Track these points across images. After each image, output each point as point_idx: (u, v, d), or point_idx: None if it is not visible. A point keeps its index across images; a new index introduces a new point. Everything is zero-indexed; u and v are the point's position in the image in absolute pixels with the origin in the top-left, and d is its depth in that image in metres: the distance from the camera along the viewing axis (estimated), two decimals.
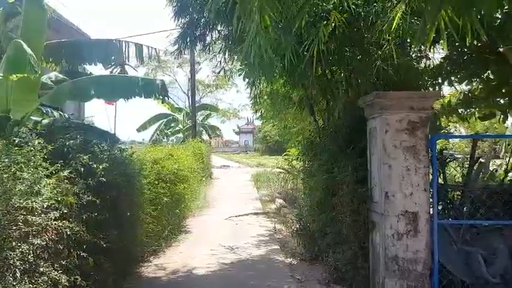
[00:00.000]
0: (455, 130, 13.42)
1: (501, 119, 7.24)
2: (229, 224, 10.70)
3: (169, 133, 27.19)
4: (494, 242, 5.16)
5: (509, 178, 6.10)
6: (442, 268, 4.94)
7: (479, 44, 5.91)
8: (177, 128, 27.27)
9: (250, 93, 7.79)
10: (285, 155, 16.03)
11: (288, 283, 6.09)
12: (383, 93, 4.76)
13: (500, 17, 5.15)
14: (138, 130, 24.96)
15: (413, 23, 3.61)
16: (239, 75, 7.64)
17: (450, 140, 15.31)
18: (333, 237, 5.92)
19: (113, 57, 6.91)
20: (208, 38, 7.16)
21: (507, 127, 11.17)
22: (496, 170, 7.31)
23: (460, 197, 5.97)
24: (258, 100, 8.53)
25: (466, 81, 6.85)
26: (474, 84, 7.02)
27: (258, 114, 10.93)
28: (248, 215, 12.04)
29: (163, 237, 7.96)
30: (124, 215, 5.55)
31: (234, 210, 12.14)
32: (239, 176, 23.19)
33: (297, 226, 7.83)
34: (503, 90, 6.50)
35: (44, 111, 5.87)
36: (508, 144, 10.72)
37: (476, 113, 7.50)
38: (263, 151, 48.24)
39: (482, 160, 6.76)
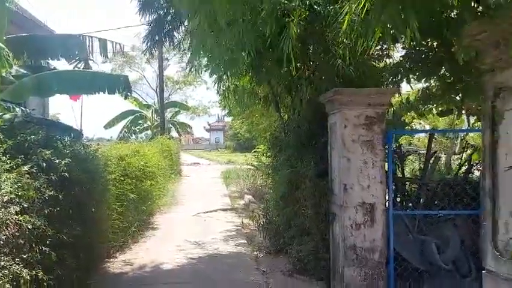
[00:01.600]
0: (421, 126, 13.94)
1: (456, 115, 7.63)
2: (198, 220, 10.74)
3: (137, 130, 26.83)
4: (447, 231, 5.46)
5: (462, 172, 6.44)
6: (398, 256, 5.19)
7: (435, 43, 6.22)
8: (145, 125, 26.95)
9: (218, 89, 7.89)
10: (254, 152, 16.16)
11: (253, 275, 6.23)
12: (342, 90, 4.95)
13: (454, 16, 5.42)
14: (105, 127, 24.52)
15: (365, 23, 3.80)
16: (205, 71, 7.72)
17: (416, 136, 15.88)
18: (296, 229, 6.10)
19: (76, 52, 6.83)
20: (176, 35, 7.21)
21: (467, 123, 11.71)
22: (450, 165, 7.71)
23: (417, 189, 6.29)
24: (225, 96, 8.64)
25: (424, 78, 7.15)
26: (431, 81, 7.34)
27: (226, 110, 11.01)
28: (217, 211, 12.11)
29: (129, 233, 7.93)
30: (88, 211, 5.52)
31: (203, 207, 12.19)
32: (209, 173, 23.19)
33: (263, 220, 7.98)
34: (457, 87, 6.84)
35: (6, 107, 5.75)
36: (462, 140, 11.23)
37: (434, 109, 7.86)
38: (234, 148, 48.29)
39: (438, 155, 7.12)
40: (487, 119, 2.28)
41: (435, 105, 7.64)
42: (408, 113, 8.04)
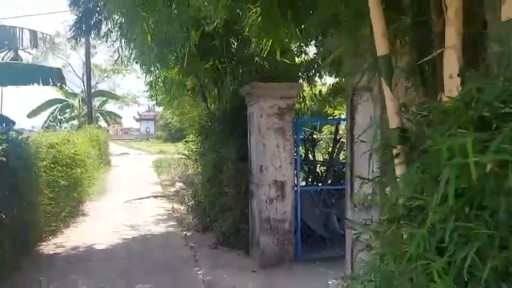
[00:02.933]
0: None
1: None
2: (129, 207, 11.07)
3: (63, 119, 25.98)
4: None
5: None
6: (305, 225, 6.13)
7: None
8: (72, 114, 26.16)
9: (145, 79, 8.31)
10: (185, 141, 16.59)
11: (182, 251, 6.87)
12: (258, 84, 5.73)
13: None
14: (29, 116, 23.43)
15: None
16: (136, 63, 8.10)
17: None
18: (220, 207, 6.84)
19: (6, 43, 6.92)
20: (104, 26, 7.49)
21: None
22: None
23: (325, 170, 7.33)
24: (153, 86, 9.09)
25: (334, 74, 8.14)
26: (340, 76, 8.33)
27: (155, 100, 11.38)
28: (148, 198, 12.48)
29: (61, 218, 8.18)
30: (22, 195, 5.81)
31: (134, 195, 12.48)
32: (140, 163, 23.16)
33: (192, 202, 8.62)
34: None
35: None
36: None
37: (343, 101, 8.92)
38: (165, 138, 47.83)
39: (344, 140, 8.20)
40: (348, 110, 3.13)
41: (343, 98, 8.70)
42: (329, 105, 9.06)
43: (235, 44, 6.89)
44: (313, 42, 7.27)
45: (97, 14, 7.01)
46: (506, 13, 1.34)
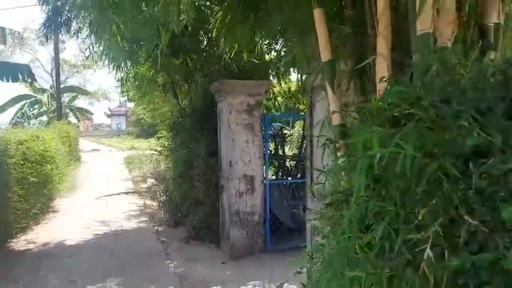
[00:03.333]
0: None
1: None
2: (100, 203, 11.06)
3: (32, 116, 25.37)
4: None
5: None
6: (275, 218, 6.39)
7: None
8: (41, 110, 25.58)
9: (115, 75, 8.36)
10: (157, 137, 16.58)
11: (154, 245, 7.01)
12: (227, 81, 5.92)
13: None
14: None
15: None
16: (105, 59, 8.14)
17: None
18: (191, 202, 7.01)
19: None
20: (74, 23, 7.50)
21: None
22: None
23: (295, 164, 7.61)
24: (124, 82, 9.14)
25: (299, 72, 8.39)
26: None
27: (126, 96, 11.39)
28: (119, 194, 12.48)
29: (31, 215, 8.15)
30: None
31: (105, 191, 12.46)
32: (111, 160, 22.94)
33: (163, 198, 8.75)
34: None
35: None
36: None
37: None
38: (137, 134, 47.24)
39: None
40: (308, 107, 3.38)
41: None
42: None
43: (205, 41, 7.05)
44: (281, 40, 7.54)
45: (66, 11, 7.01)
46: (419, 28, 1.59)
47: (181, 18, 2.82)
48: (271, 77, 7.65)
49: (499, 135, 0.98)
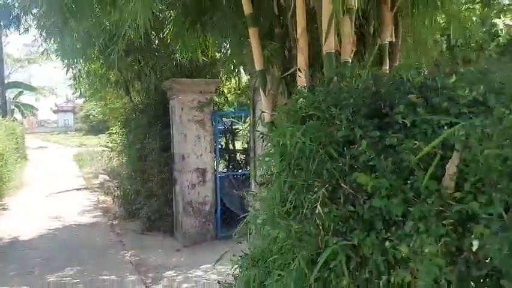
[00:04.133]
0: None
1: None
2: (51, 200, 11.01)
3: None
4: None
5: None
6: (226, 207, 6.84)
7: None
8: None
9: (67, 72, 8.42)
10: (108, 133, 16.48)
11: (109, 237, 7.26)
12: (178, 80, 6.28)
13: None
14: None
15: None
16: (56, 56, 8.20)
17: None
18: (145, 195, 7.30)
19: None
20: (23, 19, 7.52)
21: None
22: None
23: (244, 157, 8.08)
24: (76, 79, 9.20)
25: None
26: None
27: (78, 93, 11.36)
28: (70, 191, 12.44)
29: None
30: None
31: (56, 188, 12.37)
32: (59, 157, 22.41)
33: (118, 192, 8.95)
34: None
35: None
36: None
37: None
38: (86, 131, 45.93)
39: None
40: (251, 106, 3.86)
41: None
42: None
43: (157, 41, 7.33)
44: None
45: (16, 8, 7.05)
46: (325, 48, 2.09)
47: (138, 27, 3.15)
48: (222, 75, 8.06)
49: (360, 129, 1.48)
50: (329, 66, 2.06)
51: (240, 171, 7.79)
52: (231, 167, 7.97)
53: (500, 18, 6.30)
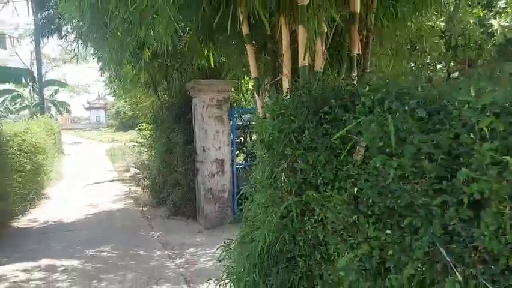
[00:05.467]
0: None
1: None
2: (87, 190, 12.05)
3: (14, 110, 25.86)
4: None
5: None
6: (242, 194, 7.55)
7: None
8: (24, 105, 26.07)
9: (101, 74, 9.34)
10: (138, 129, 17.49)
11: (139, 221, 8.13)
12: (199, 81, 7.04)
13: None
14: None
15: None
16: (93, 59, 9.14)
17: None
18: (171, 184, 8.13)
19: None
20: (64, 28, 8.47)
21: None
22: None
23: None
24: (110, 80, 10.14)
25: None
26: None
27: (111, 92, 12.34)
28: (104, 182, 13.48)
29: (28, 200, 9.14)
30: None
31: (91, 180, 13.42)
32: (93, 152, 23.74)
33: (147, 182, 9.85)
34: None
35: None
36: None
37: None
38: (117, 127, 47.59)
39: None
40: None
41: None
42: None
43: (181, 46, 8.10)
44: None
45: (58, 19, 7.98)
46: (301, 62, 2.77)
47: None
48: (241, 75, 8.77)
49: (308, 123, 2.16)
50: (303, 76, 2.74)
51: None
52: (248, 159, 8.70)
53: (496, 19, 6.75)
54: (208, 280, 3.37)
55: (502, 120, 1.30)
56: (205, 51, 4.35)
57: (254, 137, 9.31)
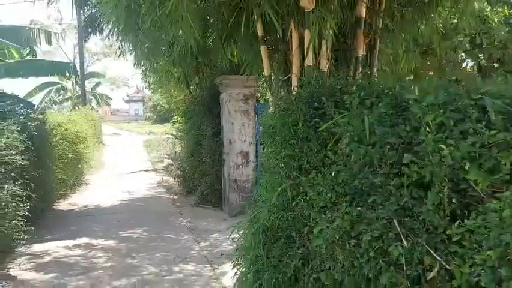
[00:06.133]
0: None
1: None
2: (124, 178, 12.79)
3: (58, 101, 27.29)
4: None
5: None
6: None
7: None
8: (66, 96, 27.46)
9: (137, 66, 9.90)
10: (172, 122, 18.17)
11: (170, 208, 8.66)
12: (227, 76, 7.43)
13: None
14: (25, 98, 24.42)
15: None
16: (130, 55, 9.70)
17: None
18: (200, 174, 8.60)
19: (24, 40, 8.49)
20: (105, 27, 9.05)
21: None
22: None
23: None
24: (146, 73, 10.73)
25: None
26: None
27: (147, 84, 12.98)
28: (140, 171, 14.20)
29: (69, 185, 9.89)
30: (44, 163, 7.49)
31: (127, 169, 14.19)
32: (130, 143, 24.76)
33: (178, 172, 10.39)
34: None
35: None
36: None
37: None
38: (154, 120, 48.98)
39: None
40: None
41: None
42: None
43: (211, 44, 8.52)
44: None
45: (98, 19, 8.58)
46: (306, 63, 3.08)
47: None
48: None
49: (302, 116, 2.48)
50: (307, 75, 3.05)
51: None
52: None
53: None
54: (221, 255, 3.73)
55: (442, 116, 1.59)
56: (227, 50, 4.71)
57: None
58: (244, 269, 3.15)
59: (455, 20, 5.60)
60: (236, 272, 3.38)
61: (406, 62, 4.38)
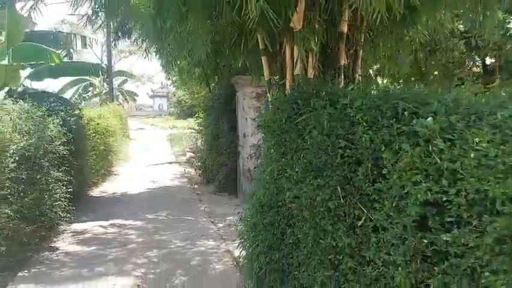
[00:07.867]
0: None
1: None
2: (149, 169, 13.79)
3: (87, 97, 28.64)
4: None
5: None
6: None
7: None
8: (95, 93, 28.81)
9: (162, 66, 10.79)
10: (195, 117, 19.11)
11: (191, 195, 9.56)
12: (241, 77, 8.24)
13: None
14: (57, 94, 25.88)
15: None
16: (155, 55, 10.60)
17: None
18: (218, 165, 9.46)
19: (61, 43, 9.52)
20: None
21: None
22: None
23: None
24: (169, 72, 11.64)
25: None
26: None
27: (170, 81, 13.91)
28: (164, 164, 15.20)
29: (100, 175, 10.92)
30: (81, 153, 8.48)
31: (152, 162, 15.21)
32: (155, 137, 25.92)
33: (199, 164, 11.29)
34: None
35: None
36: None
37: None
38: (178, 115, 50.22)
39: None
40: None
41: None
42: None
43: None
44: None
45: (127, 24, 9.48)
46: (296, 71, 3.85)
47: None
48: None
49: (286, 115, 3.26)
50: (296, 81, 3.82)
51: None
52: None
53: None
54: (229, 225, 4.54)
55: (369, 114, 2.35)
56: (239, 57, 5.52)
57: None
58: (245, 235, 3.97)
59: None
60: (240, 237, 4.18)
61: (390, 68, 5.07)
